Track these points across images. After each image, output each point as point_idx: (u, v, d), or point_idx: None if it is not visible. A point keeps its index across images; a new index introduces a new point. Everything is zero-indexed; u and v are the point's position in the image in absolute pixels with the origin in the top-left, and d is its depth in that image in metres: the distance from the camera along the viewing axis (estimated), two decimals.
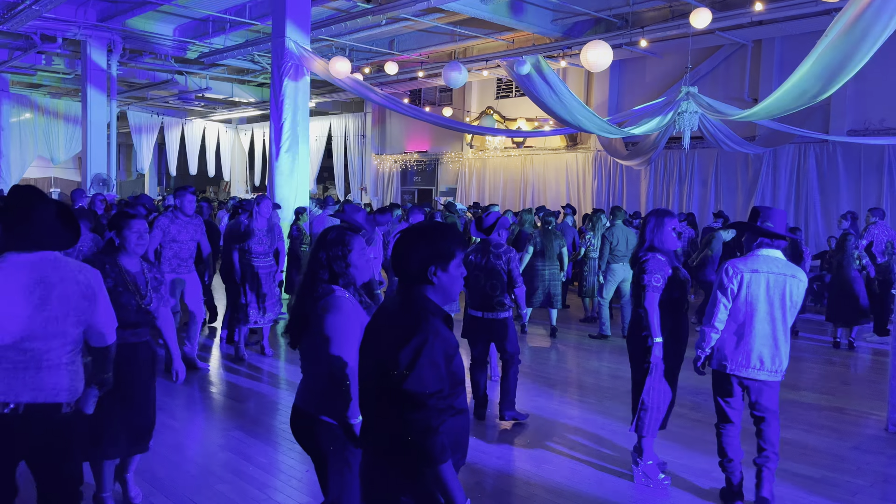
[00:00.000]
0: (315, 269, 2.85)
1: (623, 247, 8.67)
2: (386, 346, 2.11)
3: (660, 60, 14.44)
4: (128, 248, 3.63)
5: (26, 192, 2.73)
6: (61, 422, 2.75)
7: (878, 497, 4.28)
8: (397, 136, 20.86)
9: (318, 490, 4.17)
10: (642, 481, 4.35)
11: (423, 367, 2.03)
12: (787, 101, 7.95)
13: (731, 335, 3.95)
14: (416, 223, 2.33)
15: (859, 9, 6.10)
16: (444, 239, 2.20)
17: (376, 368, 2.14)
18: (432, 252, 2.17)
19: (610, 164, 15.86)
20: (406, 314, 2.15)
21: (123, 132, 22.51)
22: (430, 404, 2.03)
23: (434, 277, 2.17)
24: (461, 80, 10.78)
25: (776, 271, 3.89)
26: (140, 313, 3.63)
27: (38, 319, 2.65)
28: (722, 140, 11.47)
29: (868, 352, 8.65)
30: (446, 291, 2.22)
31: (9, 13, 11.60)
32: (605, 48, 8.76)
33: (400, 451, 2.09)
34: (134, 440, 3.71)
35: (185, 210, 6.69)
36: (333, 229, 2.91)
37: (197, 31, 14.46)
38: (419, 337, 2.06)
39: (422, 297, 2.19)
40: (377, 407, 2.18)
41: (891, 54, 9.13)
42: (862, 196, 12.37)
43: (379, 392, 2.14)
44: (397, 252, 2.23)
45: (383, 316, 2.26)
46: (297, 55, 10.48)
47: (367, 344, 2.28)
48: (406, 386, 2.02)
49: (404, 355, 2.04)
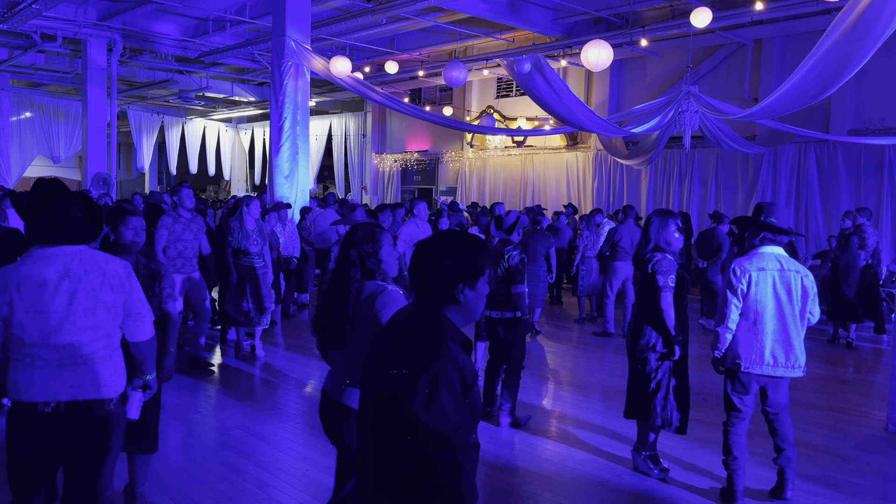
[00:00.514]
0: (347, 268, 2.84)
1: (628, 245, 8.72)
2: (398, 370, 1.86)
3: (660, 60, 14.43)
4: (123, 244, 3.52)
5: (49, 185, 2.69)
6: (104, 419, 2.69)
7: (879, 497, 4.28)
8: (397, 135, 20.86)
9: (318, 490, 4.18)
10: (643, 469, 4.40)
11: (444, 397, 1.80)
12: (788, 100, 7.95)
13: (743, 333, 3.97)
14: (443, 232, 2.08)
15: (860, 8, 6.10)
16: (476, 253, 1.95)
17: (385, 393, 1.89)
18: (462, 267, 1.92)
19: (610, 164, 15.86)
20: (423, 336, 1.90)
21: (124, 131, 22.53)
22: (454, 441, 1.79)
23: (461, 296, 1.92)
24: (461, 80, 10.77)
25: (782, 267, 3.93)
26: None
27: (67, 314, 2.59)
28: (722, 139, 11.47)
29: (868, 351, 8.65)
30: (470, 311, 1.98)
31: (9, 12, 11.60)
32: (605, 47, 8.76)
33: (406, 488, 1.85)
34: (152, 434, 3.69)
35: (184, 204, 6.64)
36: (361, 227, 2.90)
37: (197, 30, 14.47)
38: (437, 364, 1.82)
39: (441, 317, 1.94)
40: (379, 434, 1.92)
41: (891, 54, 9.13)
42: (862, 196, 12.37)
43: (385, 419, 1.89)
44: (420, 264, 1.96)
45: (395, 333, 2.02)
46: (297, 54, 10.48)
47: (375, 360, 2.03)
48: (426, 422, 1.78)
49: (421, 384, 1.80)
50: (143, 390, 2.97)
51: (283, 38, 10.44)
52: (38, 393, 2.57)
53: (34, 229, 2.63)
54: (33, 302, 2.55)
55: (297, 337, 8.61)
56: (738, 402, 4.07)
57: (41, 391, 2.57)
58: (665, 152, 14.15)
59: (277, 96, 10.59)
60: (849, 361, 8.08)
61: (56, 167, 21.93)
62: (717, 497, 4.19)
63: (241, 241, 7.15)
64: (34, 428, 2.60)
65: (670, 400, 4.32)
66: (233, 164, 25.55)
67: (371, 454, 1.96)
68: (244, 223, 7.22)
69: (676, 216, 4.38)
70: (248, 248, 7.17)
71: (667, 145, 12.84)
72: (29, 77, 18.20)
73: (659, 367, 4.31)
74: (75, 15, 13.33)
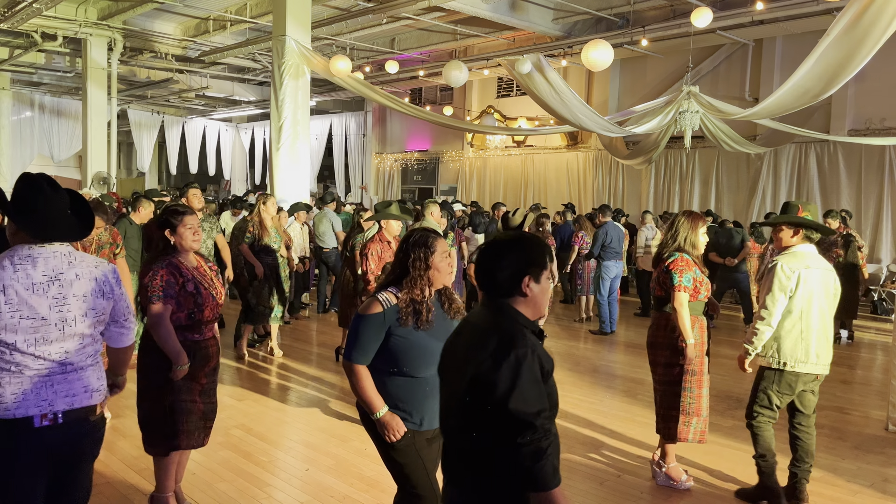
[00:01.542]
0: (392, 267, 2.87)
1: (617, 244, 8.80)
2: (479, 363, 1.94)
3: (661, 59, 14.43)
4: (184, 244, 3.55)
5: (36, 179, 2.54)
6: (98, 423, 2.63)
7: (879, 497, 4.27)
8: (398, 135, 20.86)
9: (318, 490, 4.18)
10: (666, 483, 4.31)
11: (526, 383, 1.88)
12: (789, 100, 7.95)
13: (789, 332, 3.92)
14: (503, 234, 2.17)
15: (860, 8, 6.09)
16: (536, 248, 2.07)
17: (467, 388, 1.97)
18: (525, 262, 2.03)
19: (611, 164, 15.86)
20: (499, 329, 1.99)
21: (124, 130, 22.51)
22: (538, 424, 1.87)
23: (527, 289, 2.03)
24: (462, 79, 10.77)
25: (821, 266, 3.96)
26: (217, 306, 3.61)
27: (55, 320, 2.44)
28: (723, 139, 11.47)
29: (867, 350, 8.65)
30: (537, 304, 2.08)
31: (9, 11, 11.60)
32: (605, 47, 8.75)
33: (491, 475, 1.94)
34: (207, 431, 3.72)
35: (192, 205, 6.59)
36: (417, 230, 2.88)
37: (197, 30, 14.47)
38: (517, 351, 1.91)
39: (513, 310, 2.04)
40: (463, 425, 2.01)
41: (892, 54, 9.11)
42: (862, 196, 12.38)
43: (469, 409, 1.98)
44: (485, 263, 2.08)
45: (470, 330, 2.11)
46: (297, 53, 10.47)
47: (451, 361, 2.13)
48: (511, 405, 1.86)
49: (504, 372, 1.88)
50: (111, 389, 2.91)
51: (283, 38, 10.44)
52: (31, 406, 2.41)
53: (19, 225, 2.46)
54: (19, 306, 2.38)
55: (298, 337, 8.61)
56: (778, 402, 4.02)
57: (34, 403, 2.41)
58: (665, 152, 14.15)
59: (277, 96, 10.58)
60: (848, 360, 8.07)
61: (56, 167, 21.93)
62: (718, 495, 4.18)
63: (263, 238, 7.18)
64: (31, 443, 2.43)
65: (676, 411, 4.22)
66: (233, 164, 25.55)
67: (455, 446, 2.07)
68: (263, 220, 7.25)
69: (705, 219, 4.33)
70: (269, 245, 7.22)
71: (667, 145, 12.84)
72: (29, 76, 18.20)
73: (670, 374, 4.21)
74: (76, 14, 13.33)
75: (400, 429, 2.72)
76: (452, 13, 12.52)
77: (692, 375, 4.21)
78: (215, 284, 3.65)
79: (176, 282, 3.46)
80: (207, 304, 3.53)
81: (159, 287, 3.43)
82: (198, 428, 3.62)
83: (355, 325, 2.76)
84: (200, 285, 3.53)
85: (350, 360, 2.76)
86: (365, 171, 21.51)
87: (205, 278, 3.60)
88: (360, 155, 21.58)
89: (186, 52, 15.53)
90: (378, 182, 21.26)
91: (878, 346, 8.93)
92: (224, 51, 14.64)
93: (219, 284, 3.68)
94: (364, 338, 2.73)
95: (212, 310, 3.57)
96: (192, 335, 3.54)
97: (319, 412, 5.71)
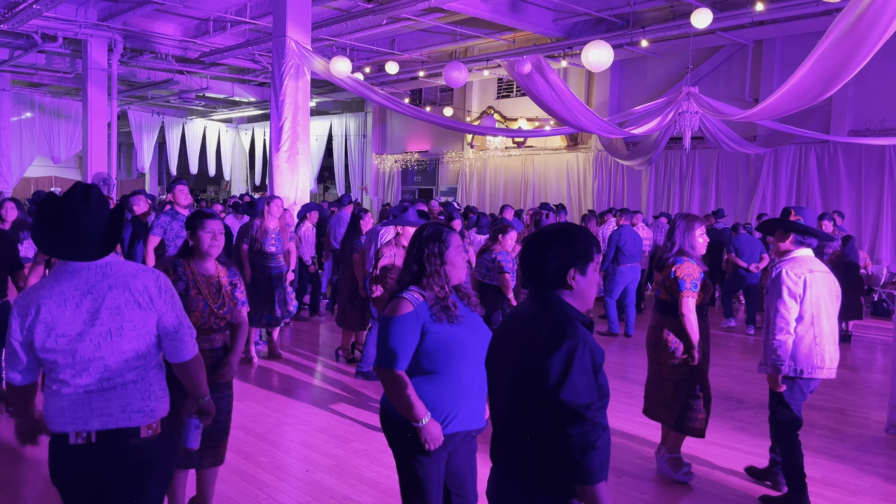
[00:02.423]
0: (407, 265, 2.74)
1: (633, 248, 8.69)
2: (530, 354, 1.95)
3: (661, 60, 14.44)
4: (201, 249, 3.46)
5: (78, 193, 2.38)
6: (139, 448, 2.40)
7: (879, 498, 4.27)
8: (398, 135, 20.87)
9: (318, 490, 4.18)
10: (666, 472, 4.36)
11: (577, 374, 1.88)
12: (788, 101, 7.95)
13: (800, 339, 3.89)
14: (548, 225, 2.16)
15: (860, 9, 6.09)
16: (582, 240, 2.06)
17: (518, 379, 1.98)
18: (571, 254, 2.03)
19: (611, 164, 15.86)
20: (549, 320, 1.99)
21: (124, 131, 22.55)
22: (589, 416, 1.87)
23: (573, 281, 2.02)
24: (462, 80, 10.78)
25: (821, 269, 3.98)
26: (213, 318, 3.41)
27: (90, 336, 2.33)
28: (723, 140, 11.48)
29: (867, 351, 8.65)
30: (584, 296, 2.07)
31: (9, 12, 11.61)
32: (605, 48, 8.76)
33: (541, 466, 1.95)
34: (213, 452, 3.48)
35: (178, 201, 6.46)
36: (430, 225, 2.78)
37: (198, 31, 14.48)
38: (569, 342, 1.90)
39: (562, 302, 2.03)
40: (514, 420, 2.03)
41: (892, 55, 9.13)
42: (862, 196, 12.38)
43: (520, 401, 1.98)
44: (530, 255, 2.07)
45: (518, 323, 2.11)
46: (297, 54, 10.47)
47: (500, 354, 2.13)
48: (562, 396, 1.86)
49: (555, 363, 1.88)
50: (199, 416, 2.69)
51: (283, 39, 10.44)
52: (67, 422, 2.35)
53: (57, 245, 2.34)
54: (53, 323, 2.31)
55: (299, 338, 8.61)
56: (798, 412, 3.99)
57: (70, 420, 2.34)
58: (665, 153, 14.16)
59: (278, 97, 10.58)
60: (847, 361, 8.07)
61: (56, 167, 21.97)
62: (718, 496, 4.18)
63: (260, 241, 7.05)
64: (67, 460, 2.38)
65: (691, 405, 4.24)
66: (233, 165, 25.57)
67: (505, 436, 2.08)
68: (264, 222, 7.12)
69: (703, 221, 4.35)
70: (265, 249, 7.05)
71: (667, 146, 12.85)
72: (29, 77, 18.22)
73: (680, 373, 4.24)
74: (76, 15, 13.34)
75: (440, 436, 2.58)
76: (452, 14, 12.53)
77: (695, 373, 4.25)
78: (221, 296, 3.46)
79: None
80: (195, 310, 3.33)
81: None
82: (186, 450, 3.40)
83: (387, 328, 2.62)
84: (195, 290, 3.38)
85: (387, 366, 2.59)
86: (365, 172, 21.52)
87: (208, 286, 3.44)
88: (360, 156, 21.59)
89: (186, 52, 15.53)
90: (378, 183, 21.27)
91: (878, 347, 8.93)
92: (224, 51, 14.65)
93: (227, 297, 3.50)
94: (401, 340, 2.59)
95: (201, 319, 3.34)
96: None
97: (320, 413, 5.71)
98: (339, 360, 7.35)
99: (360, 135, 21.54)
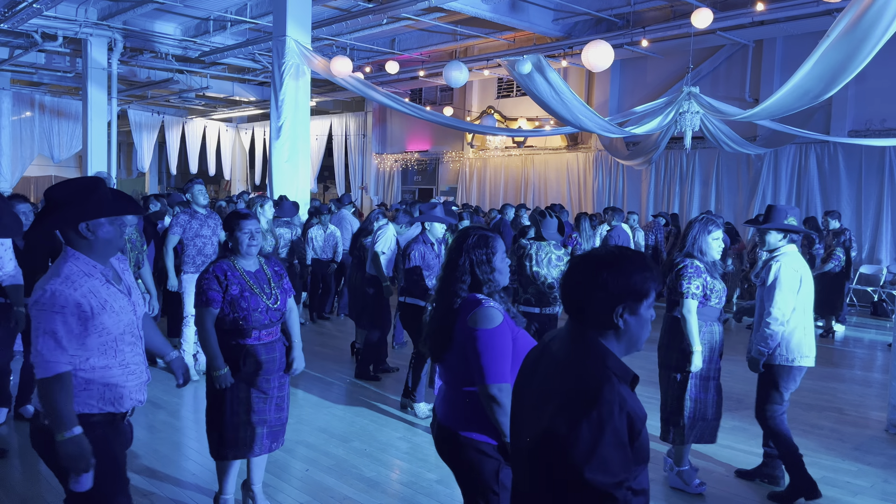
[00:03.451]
0: (457, 276, 2.60)
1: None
2: (556, 412, 1.65)
3: (661, 60, 14.43)
4: (241, 250, 3.55)
5: None
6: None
7: (879, 498, 4.27)
8: (398, 135, 20.86)
9: (318, 490, 4.18)
10: (678, 486, 4.28)
11: (608, 447, 1.58)
12: (789, 101, 7.95)
13: (792, 329, 4.13)
14: (597, 249, 1.82)
15: (861, 9, 6.09)
16: (638, 272, 1.70)
17: (542, 434, 1.68)
18: (621, 288, 1.68)
19: (611, 164, 15.86)
20: (581, 371, 1.67)
21: (124, 131, 22.50)
22: (619, 496, 1.59)
23: (619, 320, 1.69)
24: (462, 80, 10.77)
25: (804, 263, 4.23)
26: (270, 312, 3.54)
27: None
28: (723, 140, 11.47)
29: (867, 351, 8.65)
30: (632, 340, 1.73)
31: (10, 11, 11.60)
32: (606, 48, 8.75)
33: None
34: (273, 437, 3.66)
35: (198, 201, 6.48)
36: (473, 232, 2.67)
37: (198, 30, 14.47)
38: (602, 410, 1.59)
39: (601, 349, 1.70)
40: (536, 474, 1.74)
41: (892, 55, 9.12)
42: (863, 197, 12.37)
43: (543, 460, 1.70)
44: (572, 282, 1.75)
45: (548, 364, 1.79)
46: (298, 54, 10.47)
47: (526, 397, 1.84)
48: (588, 475, 1.57)
49: (583, 432, 1.58)
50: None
51: (283, 38, 10.44)
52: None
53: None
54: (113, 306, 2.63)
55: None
56: (786, 399, 4.21)
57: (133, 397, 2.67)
58: (666, 153, 14.15)
59: (278, 96, 10.58)
60: (847, 361, 8.07)
61: (56, 167, 21.94)
62: (719, 496, 4.18)
63: None
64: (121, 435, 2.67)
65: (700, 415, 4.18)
66: (233, 164, 25.55)
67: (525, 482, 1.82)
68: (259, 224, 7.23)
69: (719, 225, 4.30)
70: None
71: (667, 146, 12.84)
72: (29, 76, 18.22)
73: (687, 382, 4.16)
74: (76, 14, 13.33)
75: None
76: (453, 14, 12.52)
77: (699, 380, 4.16)
78: (272, 289, 3.57)
79: (220, 285, 3.46)
80: (255, 308, 3.47)
81: (204, 289, 3.47)
82: (253, 436, 3.54)
83: (491, 341, 2.43)
84: (249, 290, 3.48)
85: (505, 380, 2.40)
86: (365, 172, 21.51)
87: (259, 283, 3.54)
88: (360, 155, 21.58)
89: (186, 52, 15.53)
90: (378, 182, 21.26)
91: (878, 347, 8.93)
92: (224, 51, 14.64)
93: (276, 288, 3.59)
94: (507, 350, 2.43)
95: (262, 315, 3.49)
96: (241, 340, 3.49)
97: (320, 413, 5.71)
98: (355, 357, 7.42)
99: (360, 134, 21.53)
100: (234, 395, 3.49)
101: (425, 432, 5.24)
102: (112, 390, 2.56)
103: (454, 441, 2.52)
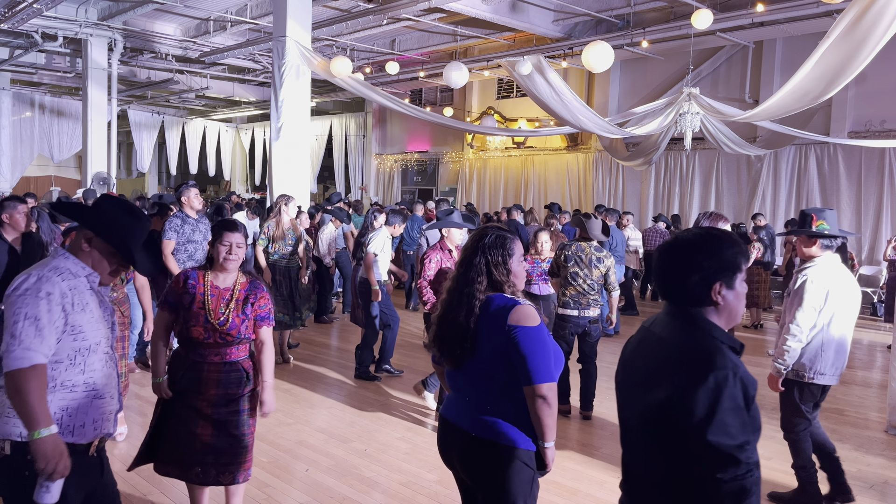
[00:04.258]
0: (473, 278, 2.50)
1: (621, 249, 8.82)
2: (669, 384, 1.71)
3: (661, 61, 14.44)
4: (217, 260, 3.31)
5: None
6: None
7: (879, 499, 4.27)
8: (398, 135, 20.87)
9: (318, 490, 4.17)
10: None
11: (727, 412, 1.64)
12: (789, 102, 7.95)
13: (808, 345, 3.92)
14: (683, 232, 1.88)
15: (861, 10, 6.09)
16: (729, 249, 1.78)
17: (654, 411, 1.75)
18: (716, 266, 1.76)
19: (611, 165, 15.86)
20: (692, 345, 1.74)
21: (124, 131, 22.52)
22: (742, 458, 1.64)
23: (718, 297, 1.76)
24: (462, 80, 10.77)
25: (844, 276, 3.94)
26: (213, 333, 3.23)
27: None
28: (723, 141, 11.48)
29: (867, 352, 8.65)
30: (732, 313, 1.81)
31: (10, 11, 11.60)
32: (606, 49, 8.75)
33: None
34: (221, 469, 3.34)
35: (192, 204, 6.35)
36: (490, 232, 2.57)
37: (198, 30, 14.47)
38: (717, 373, 1.65)
39: (707, 322, 1.77)
40: (652, 452, 1.79)
41: (892, 56, 9.12)
42: (862, 198, 12.38)
43: (659, 436, 1.75)
44: (666, 267, 1.84)
45: (652, 345, 1.86)
46: (298, 54, 10.47)
47: (631, 378, 1.91)
48: (710, 437, 1.63)
49: (701, 397, 1.64)
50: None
51: (283, 39, 10.43)
52: None
53: None
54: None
55: (300, 339, 8.60)
56: (808, 415, 4.02)
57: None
58: (666, 154, 14.16)
59: (278, 97, 10.57)
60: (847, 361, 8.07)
61: (56, 167, 21.95)
62: None
63: (278, 241, 7.12)
64: None
65: None
66: (233, 165, 25.56)
67: (639, 468, 1.87)
68: (282, 222, 7.17)
69: (727, 221, 4.23)
70: (279, 249, 7.15)
71: (667, 147, 12.85)
72: (29, 77, 18.22)
73: None
74: (76, 14, 13.35)
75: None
76: (453, 14, 12.52)
77: None
78: (227, 310, 3.25)
79: (177, 292, 3.29)
80: (195, 323, 3.22)
81: (165, 292, 3.37)
82: (198, 462, 3.25)
83: (539, 339, 2.39)
84: (200, 304, 3.24)
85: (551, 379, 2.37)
86: (365, 172, 21.52)
87: (215, 299, 3.27)
88: (360, 156, 21.59)
89: (186, 52, 15.53)
90: (378, 183, 21.27)
91: (878, 348, 8.93)
92: (224, 51, 14.64)
93: (234, 313, 3.26)
94: (550, 349, 2.42)
95: (202, 332, 3.22)
96: (190, 353, 3.28)
97: (320, 413, 5.71)
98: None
99: (360, 135, 21.54)
100: (167, 406, 3.31)
101: (425, 432, 5.24)
102: (73, 417, 2.30)
103: (493, 452, 2.42)
